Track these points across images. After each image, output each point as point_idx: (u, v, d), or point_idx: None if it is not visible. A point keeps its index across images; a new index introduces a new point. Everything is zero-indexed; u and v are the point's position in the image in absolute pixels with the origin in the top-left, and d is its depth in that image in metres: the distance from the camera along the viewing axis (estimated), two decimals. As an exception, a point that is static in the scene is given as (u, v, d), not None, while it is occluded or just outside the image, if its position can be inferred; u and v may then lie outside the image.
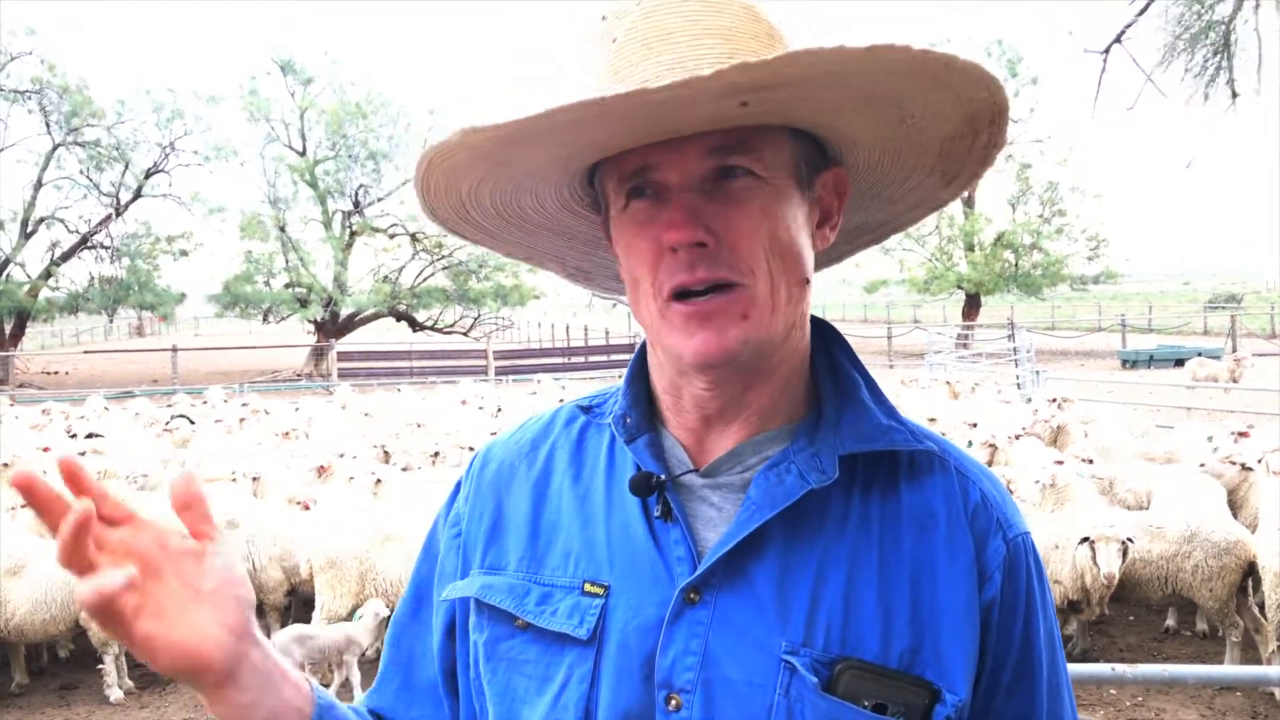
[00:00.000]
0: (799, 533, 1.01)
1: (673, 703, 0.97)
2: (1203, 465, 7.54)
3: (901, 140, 1.01)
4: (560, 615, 1.04)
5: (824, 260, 1.23)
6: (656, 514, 1.04)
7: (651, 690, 0.98)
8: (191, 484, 0.94)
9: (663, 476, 1.04)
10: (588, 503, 1.09)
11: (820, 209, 1.06)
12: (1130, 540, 5.83)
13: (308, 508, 7.31)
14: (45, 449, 9.72)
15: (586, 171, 1.06)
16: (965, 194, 1.12)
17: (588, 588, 1.04)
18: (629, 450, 1.08)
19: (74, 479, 0.87)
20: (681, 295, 0.97)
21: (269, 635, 6.96)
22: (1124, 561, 5.86)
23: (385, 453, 9.88)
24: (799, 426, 1.06)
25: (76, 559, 0.85)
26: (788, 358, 1.06)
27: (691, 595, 0.99)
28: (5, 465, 8.78)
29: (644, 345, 1.13)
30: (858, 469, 1.04)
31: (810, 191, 1.03)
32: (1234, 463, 7.44)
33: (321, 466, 8.71)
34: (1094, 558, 5.83)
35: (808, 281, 1.03)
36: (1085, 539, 5.88)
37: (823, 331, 1.13)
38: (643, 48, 0.95)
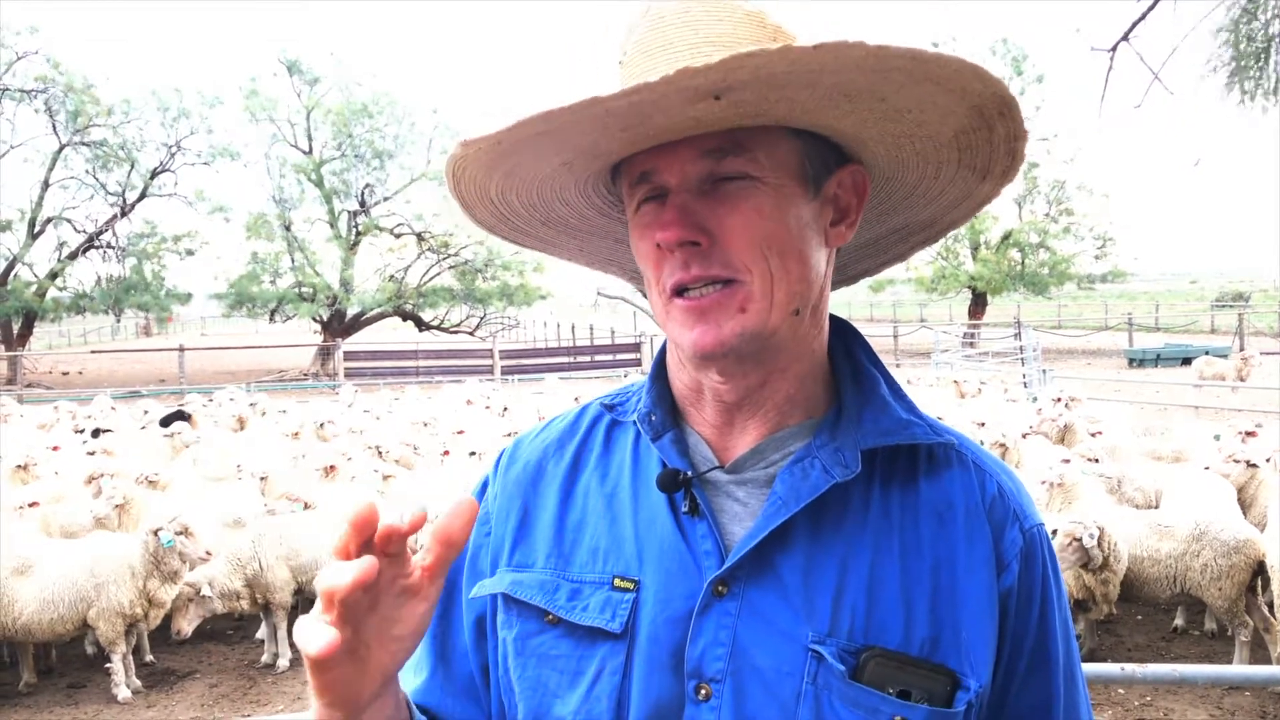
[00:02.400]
0: (822, 526, 1.03)
1: (703, 692, 1.00)
2: (1207, 468, 7.52)
3: (913, 135, 1.01)
4: (592, 610, 1.06)
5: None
6: (684, 510, 1.06)
7: (682, 681, 1.01)
8: (466, 515, 0.87)
9: (689, 473, 1.07)
10: (615, 500, 1.12)
11: (836, 207, 1.07)
12: (1089, 536, 5.81)
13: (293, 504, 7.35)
14: (55, 448, 9.75)
15: (609, 176, 1.09)
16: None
17: (618, 583, 1.06)
18: (654, 447, 1.11)
19: (382, 534, 0.83)
20: (682, 291, 1.01)
21: (276, 635, 6.98)
22: (1084, 556, 5.85)
23: (379, 452, 9.90)
24: (821, 422, 1.09)
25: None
26: (802, 354, 1.08)
27: (720, 588, 1.02)
28: (22, 467, 8.84)
29: (665, 344, 1.16)
30: (878, 463, 1.07)
31: (819, 190, 1.04)
32: (1238, 460, 7.42)
33: (330, 466, 8.74)
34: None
35: (814, 278, 1.04)
36: (1054, 530, 5.90)
37: (842, 330, 1.16)
38: (645, 58, 0.99)
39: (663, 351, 1.17)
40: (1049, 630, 1.06)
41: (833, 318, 1.14)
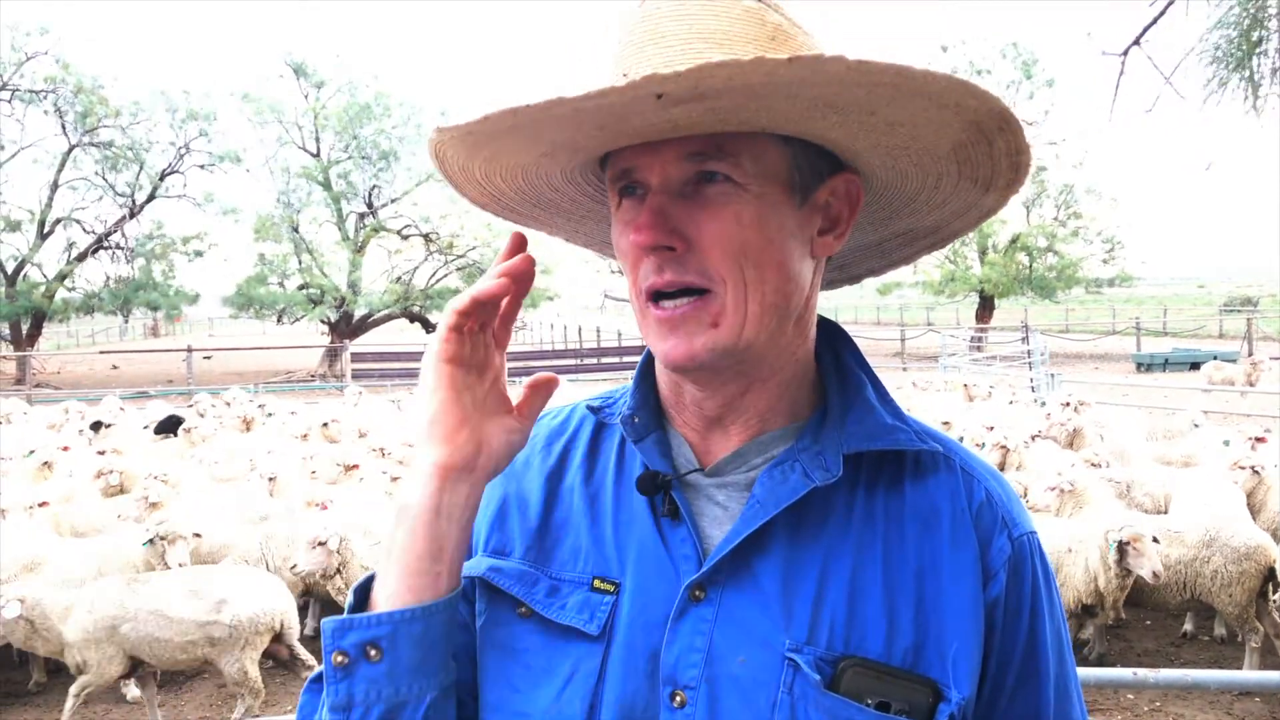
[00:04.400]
0: (803, 531, 1.02)
1: (677, 699, 0.98)
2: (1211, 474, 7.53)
3: (908, 148, 0.99)
4: (570, 610, 1.05)
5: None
6: (663, 512, 1.05)
7: (657, 686, 0.99)
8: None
9: (669, 475, 1.06)
10: (598, 501, 1.11)
11: (826, 216, 1.05)
12: (1156, 539, 5.77)
13: (325, 508, 7.36)
14: (65, 448, 9.78)
15: (598, 163, 1.07)
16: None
17: (597, 584, 1.05)
18: (637, 449, 1.10)
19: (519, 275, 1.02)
20: (657, 298, 0.99)
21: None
22: (1144, 559, 5.77)
23: (383, 452, 9.95)
24: (804, 426, 1.07)
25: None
26: (784, 363, 1.06)
27: (696, 593, 1.01)
28: (46, 464, 9.00)
29: None
30: (863, 468, 1.05)
31: (807, 198, 1.02)
32: (1243, 467, 7.41)
33: (352, 464, 8.83)
34: (1121, 560, 5.70)
35: (792, 289, 1.02)
36: (1121, 542, 5.69)
37: (831, 333, 1.14)
38: (637, 50, 0.96)
39: (649, 353, 1.14)
40: (1039, 642, 1.04)
41: (822, 320, 1.12)
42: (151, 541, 6.26)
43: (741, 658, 0.98)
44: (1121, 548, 5.68)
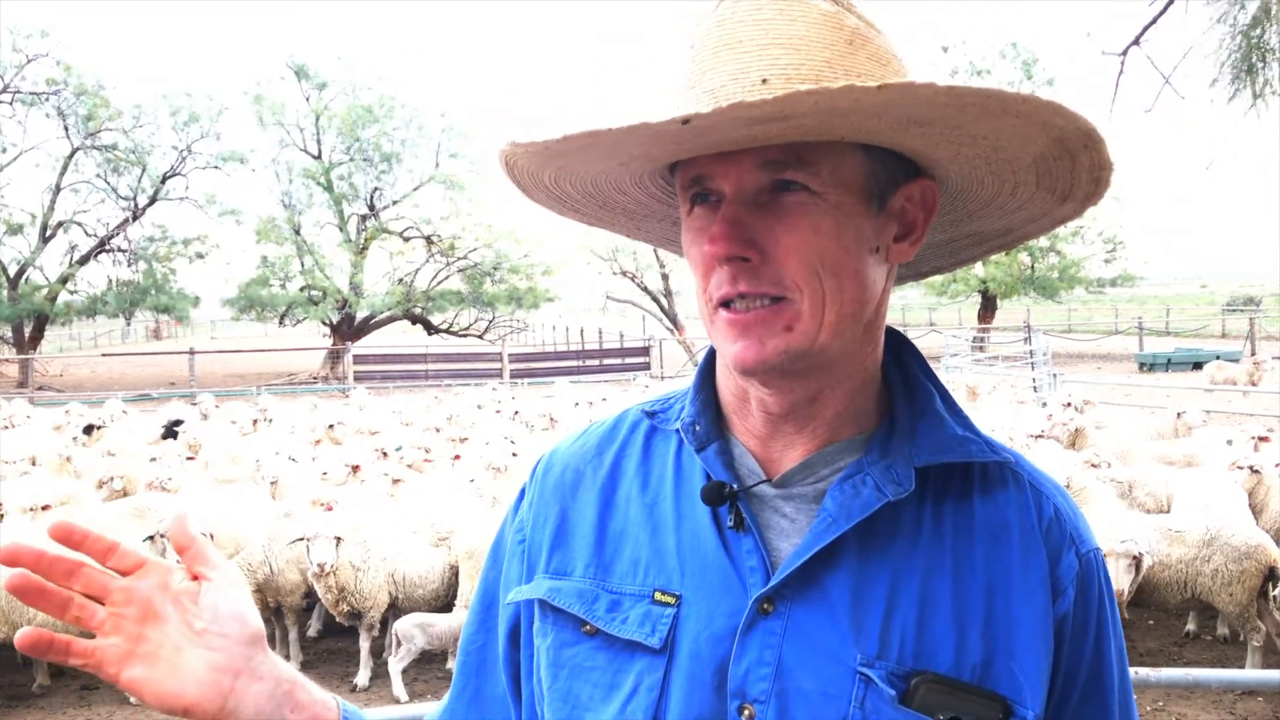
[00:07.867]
0: (872, 544, 1.01)
1: (746, 713, 0.97)
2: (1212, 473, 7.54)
3: (989, 158, 0.98)
4: (631, 623, 1.04)
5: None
6: (729, 524, 1.04)
7: (723, 700, 0.98)
8: (185, 528, 1.03)
9: (735, 486, 1.04)
10: (656, 511, 1.09)
11: (902, 222, 1.03)
12: (1143, 554, 5.81)
13: (330, 509, 7.38)
14: (67, 459, 9.79)
15: (667, 168, 1.07)
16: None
17: (658, 596, 1.04)
18: (698, 458, 1.08)
19: (68, 539, 0.98)
20: (728, 303, 0.98)
21: (287, 635, 7.00)
22: (1138, 575, 5.84)
23: (384, 454, 9.96)
24: (871, 437, 1.06)
25: (48, 608, 0.98)
26: (854, 370, 1.05)
27: (765, 606, 1.00)
28: (67, 459, 9.21)
29: (712, 351, 1.12)
30: (930, 481, 1.04)
31: (884, 205, 1.01)
32: (1241, 466, 7.41)
33: (354, 465, 8.83)
34: None
35: (868, 298, 1.01)
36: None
37: (896, 342, 1.12)
38: (712, 56, 0.95)
39: (709, 358, 1.14)
40: (1104, 657, 1.04)
41: (887, 329, 1.10)
42: (151, 538, 6.27)
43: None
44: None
